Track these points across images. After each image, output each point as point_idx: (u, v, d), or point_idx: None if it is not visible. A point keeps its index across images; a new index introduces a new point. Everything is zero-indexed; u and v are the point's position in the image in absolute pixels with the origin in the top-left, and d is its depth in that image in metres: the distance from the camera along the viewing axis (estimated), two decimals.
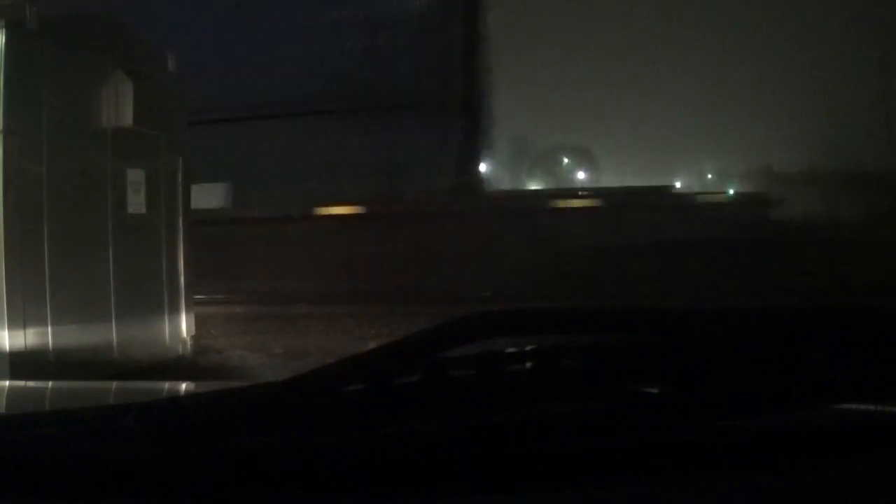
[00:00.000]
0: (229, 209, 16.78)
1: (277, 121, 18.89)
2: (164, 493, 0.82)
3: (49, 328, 5.28)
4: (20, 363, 4.94)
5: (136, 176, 6.19)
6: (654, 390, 0.88)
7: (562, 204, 17.88)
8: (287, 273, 12.75)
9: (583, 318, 0.95)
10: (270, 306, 11.33)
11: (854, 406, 0.91)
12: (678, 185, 22.98)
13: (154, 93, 6.41)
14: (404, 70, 18.94)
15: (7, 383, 2.01)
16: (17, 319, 5.10)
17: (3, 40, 5.13)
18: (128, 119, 6.15)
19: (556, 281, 12.44)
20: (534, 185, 25.05)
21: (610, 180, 22.98)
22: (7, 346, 5.02)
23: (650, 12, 21.57)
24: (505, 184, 23.72)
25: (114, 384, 1.84)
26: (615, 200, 17.07)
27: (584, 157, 25.15)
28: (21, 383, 1.86)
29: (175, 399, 1.39)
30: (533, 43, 21.75)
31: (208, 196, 14.27)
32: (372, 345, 0.98)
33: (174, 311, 6.58)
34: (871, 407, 0.91)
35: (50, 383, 1.82)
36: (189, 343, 6.71)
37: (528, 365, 0.88)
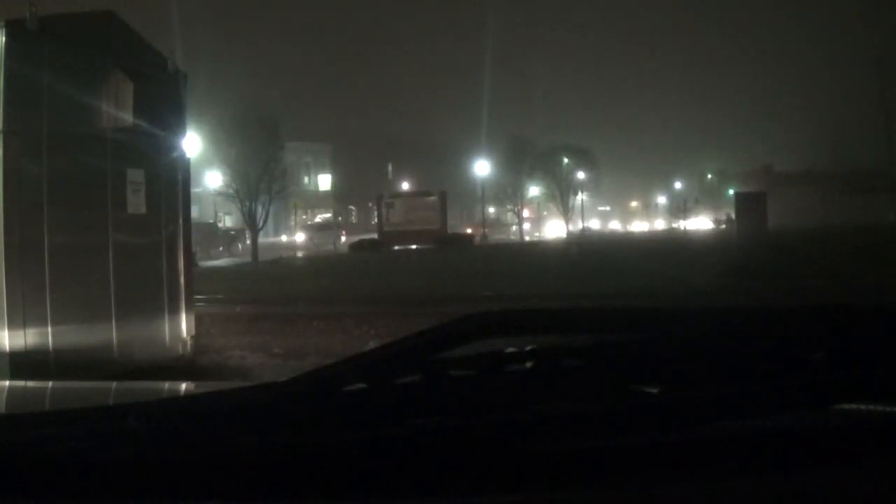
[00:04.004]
0: None
1: None
2: (164, 493, 0.82)
3: (49, 328, 5.28)
4: (20, 363, 4.94)
5: (136, 176, 6.18)
6: (654, 390, 0.88)
7: None
8: None
9: (583, 318, 0.95)
10: (270, 306, 11.33)
11: (854, 406, 0.91)
12: None
13: (154, 93, 6.41)
14: None
15: (7, 383, 2.01)
16: (17, 319, 5.10)
17: (3, 40, 5.13)
18: (128, 119, 6.16)
19: None
20: None
21: None
22: (7, 346, 5.02)
23: None
24: None
25: (114, 384, 1.84)
26: None
27: None
28: (21, 383, 1.86)
29: (175, 399, 1.39)
30: None
31: None
32: (372, 345, 0.98)
33: (174, 311, 6.58)
34: (871, 407, 0.91)
35: (50, 383, 1.82)
36: (189, 343, 6.71)
37: (528, 365, 0.88)
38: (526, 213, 61.32)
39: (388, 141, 67.69)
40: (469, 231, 44.72)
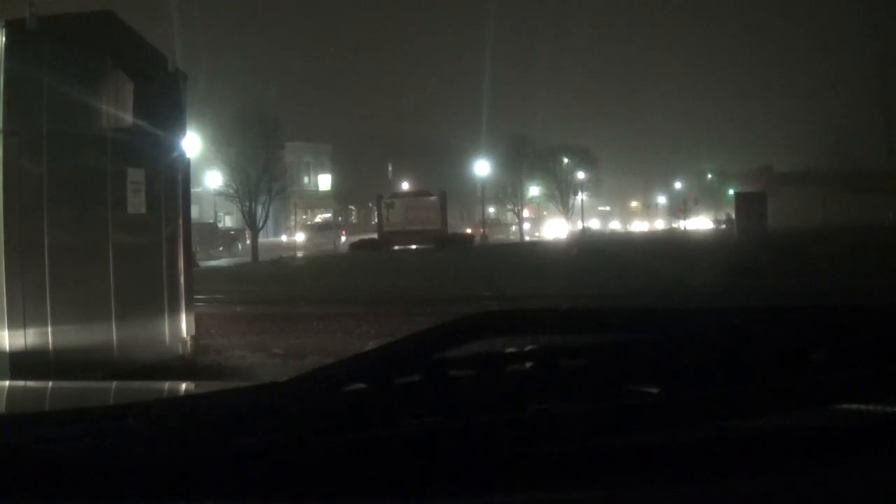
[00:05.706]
0: None
1: None
2: (164, 493, 0.82)
3: (49, 328, 5.28)
4: (20, 363, 4.94)
5: (136, 176, 6.18)
6: (654, 390, 0.88)
7: None
8: None
9: (583, 318, 0.95)
10: (270, 306, 11.33)
11: (854, 406, 0.91)
12: None
13: (154, 93, 6.41)
14: None
15: (7, 383, 2.01)
16: (17, 319, 5.10)
17: (3, 40, 5.13)
18: (128, 119, 6.15)
19: None
20: None
21: None
22: (7, 345, 5.02)
23: None
24: None
25: (114, 384, 1.84)
26: None
27: None
28: (21, 383, 1.86)
29: (175, 399, 1.39)
30: None
31: None
32: (372, 345, 0.98)
33: (174, 311, 6.58)
34: (871, 407, 0.91)
35: (50, 383, 1.82)
36: (189, 343, 6.71)
37: (528, 365, 0.88)
38: (526, 213, 61.32)
39: (388, 141, 67.66)
40: (469, 231, 44.73)
